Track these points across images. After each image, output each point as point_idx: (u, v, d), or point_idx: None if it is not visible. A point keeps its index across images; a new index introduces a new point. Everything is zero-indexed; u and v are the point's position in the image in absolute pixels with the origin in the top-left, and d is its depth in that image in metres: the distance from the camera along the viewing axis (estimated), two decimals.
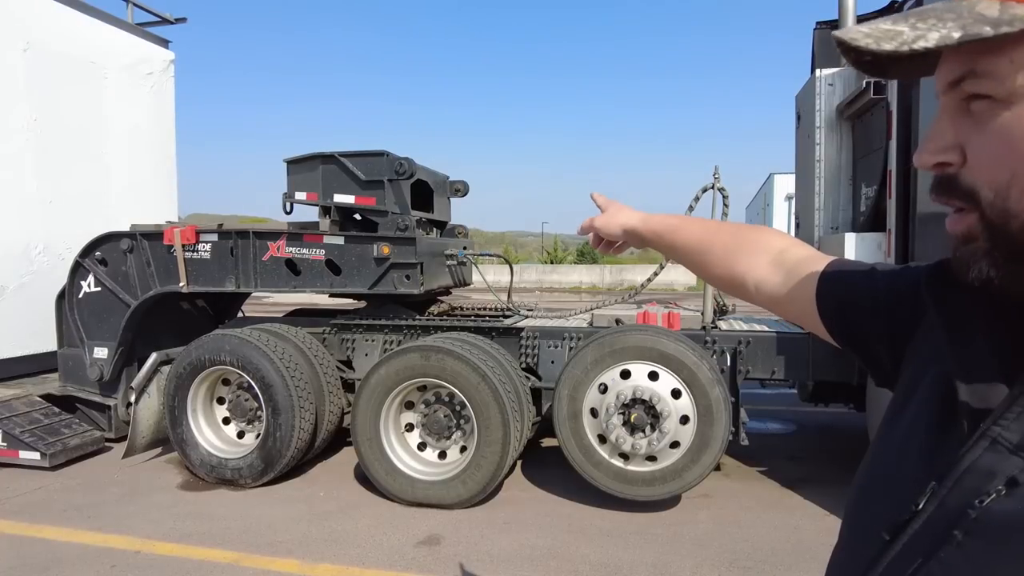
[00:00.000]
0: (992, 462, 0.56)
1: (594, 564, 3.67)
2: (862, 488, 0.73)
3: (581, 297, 23.45)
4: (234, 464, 4.84)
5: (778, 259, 0.96)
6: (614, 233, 1.22)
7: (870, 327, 0.80)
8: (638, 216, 1.20)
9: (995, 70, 0.52)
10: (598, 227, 1.25)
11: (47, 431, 5.29)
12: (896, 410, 0.72)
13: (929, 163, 0.59)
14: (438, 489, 4.42)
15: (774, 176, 47.72)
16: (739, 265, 1.00)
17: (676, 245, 1.12)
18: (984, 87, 0.53)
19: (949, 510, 0.57)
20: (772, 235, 1.02)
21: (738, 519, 4.27)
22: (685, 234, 1.10)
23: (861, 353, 0.84)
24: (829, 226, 5.15)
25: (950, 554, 0.57)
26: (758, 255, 0.98)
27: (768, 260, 0.97)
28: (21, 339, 6.00)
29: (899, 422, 0.70)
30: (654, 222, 1.17)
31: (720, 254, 1.03)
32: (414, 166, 5.05)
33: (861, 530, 0.69)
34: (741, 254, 1.00)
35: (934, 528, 0.58)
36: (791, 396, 6.37)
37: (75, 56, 6.46)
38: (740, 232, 1.05)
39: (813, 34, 6.14)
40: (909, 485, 0.62)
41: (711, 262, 1.05)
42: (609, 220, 1.23)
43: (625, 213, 1.22)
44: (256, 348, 4.72)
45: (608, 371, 4.34)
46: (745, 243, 1.01)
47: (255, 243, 5.15)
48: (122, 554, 3.80)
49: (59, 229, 6.19)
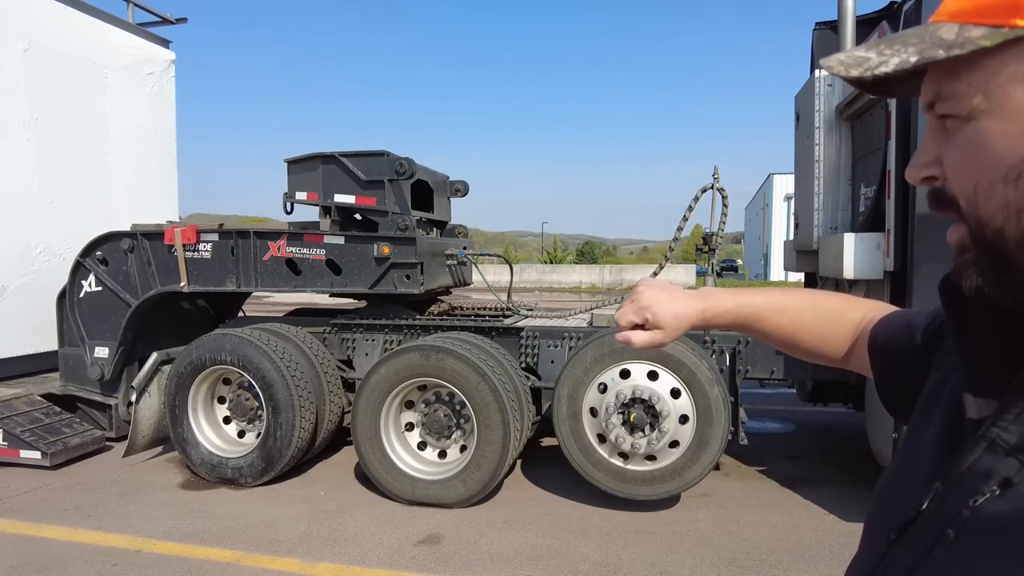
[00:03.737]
0: (990, 463, 0.57)
1: (594, 563, 3.68)
2: (880, 492, 0.75)
3: (581, 297, 23.44)
4: (235, 463, 4.85)
5: (857, 331, 0.98)
6: (673, 337, 1.03)
7: (902, 361, 0.85)
8: (696, 309, 1.03)
9: (955, 92, 0.55)
10: (644, 344, 1.02)
11: (48, 430, 5.30)
12: (918, 418, 0.74)
13: (916, 177, 0.62)
14: (438, 488, 4.43)
15: (773, 176, 47.82)
16: (833, 351, 1.02)
17: (755, 333, 1.07)
18: (949, 108, 0.56)
19: (946, 510, 0.58)
20: (853, 311, 1.00)
21: (737, 518, 4.29)
22: (765, 324, 1.04)
23: (889, 383, 0.89)
24: (828, 226, 5.16)
25: (942, 552, 0.58)
26: (847, 339, 1.00)
27: (852, 338, 0.99)
28: (22, 338, 6.01)
29: (920, 430, 0.72)
30: (720, 319, 1.05)
31: (810, 344, 1.03)
32: (414, 166, 5.06)
33: (875, 532, 0.71)
34: (829, 345, 1.02)
35: (932, 527, 0.59)
36: (790, 396, 6.38)
37: (75, 56, 6.47)
38: (824, 319, 1.02)
39: (812, 34, 6.15)
40: (920, 488, 0.63)
41: (801, 350, 1.05)
42: (664, 337, 1.02)
43: (677, 309, 1.02)
44: (257, 347, 4.73)
45: (607, 371, 4.35)
46: (832, 332, 1.01)
47: (256, 243, 5.16)
48: (123, 553, 3.81)
49: (60, 229, 6.20)
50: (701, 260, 5.57)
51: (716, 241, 5.15)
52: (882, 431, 4.34)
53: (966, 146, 0.56)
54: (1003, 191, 0.54)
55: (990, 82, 0.53)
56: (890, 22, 4.47)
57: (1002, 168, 0.53)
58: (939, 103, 0.57)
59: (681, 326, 1.01)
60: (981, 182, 0.55)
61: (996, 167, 0.54)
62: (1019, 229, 0.53)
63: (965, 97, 0.55)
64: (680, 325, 1.01)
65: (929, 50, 0.53)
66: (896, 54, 0.55)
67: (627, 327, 1.03)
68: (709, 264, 5.31)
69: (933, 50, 0.53)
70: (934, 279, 0.67)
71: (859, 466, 5.11)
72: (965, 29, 0.53)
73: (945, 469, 0.61)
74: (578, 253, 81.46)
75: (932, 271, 3.75)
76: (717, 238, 5.16)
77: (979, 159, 0.55)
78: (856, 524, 4.11)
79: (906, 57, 0.54)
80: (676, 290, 1.04)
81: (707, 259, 5.30)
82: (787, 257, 6.23)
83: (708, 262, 5.30)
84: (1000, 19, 0.51)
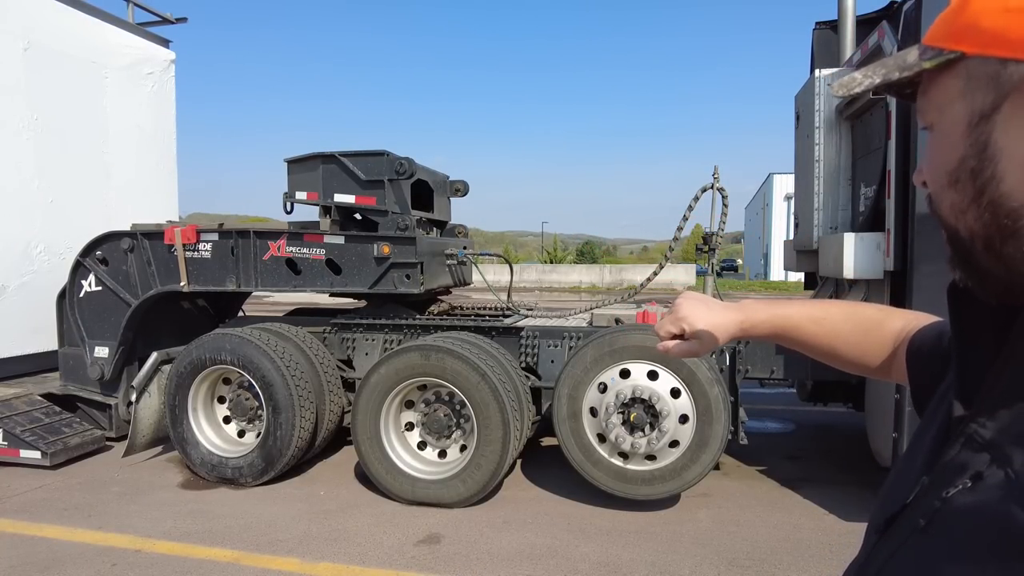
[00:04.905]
0: (966, 458, 0.59)
1: (594, 563, 3.68)
2: (881, 492, 0.77)
3: (581, 297, 23.45)
4: (235, 463, 4.85)
5: (897, 341, 0.98)
6: (710, 348, 1.07)
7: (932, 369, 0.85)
8: (733, 321, 1.06)
9: (923, 107, 0.64)
10: (681, 354, 1.07)
11: (48, 430, 5.30)
12: (925, 420, 0.76)
13: (917, 182, 0.68)
14: (438, 488, 4.43)
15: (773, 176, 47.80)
16: (870, 361, 1.02)
17: (792, 343, 1.08)
18: (921, 120, 0.65)
19: (923, 503, 0.61)
20: (892, 321, 1.00)
21: (737, 518, 4.29)
22: (802, 335, 1.05)
23: (923, 392, 0.88)
24: (828, 226, 5.16)
25: (914, 542, 0.61)
26: (885, 349, 1.00)
27: (892, 348, 0.99)
28: (22, 338, 6.02)
29: (923, 431, 0.74)
30: (758, 330, 1.06)
31: (847, 354, 1.03)
32: (414, 166, 5.06)
33: (870, 528, 0.73)
34: (867, 355, 1.01)
35: (911, 519, 0.62)
36: (790, 395, 6.38)
37: (75, 56, 6.46)
38: (862, 330, 1.02)
39: (813, 34, 6.15)
40: (911, 485, 0.65)
41: (838, 361, 1.05)
42: (700, 348, 1.06)
43: (715, 321, 1.05)
44: (257, 347, 4.73)
45: (607, 370, 4.35)
46: (869, 341, 1.01)
47: (256, 242, 5.16)
48: (123, 553, 3.81)
49: (60, 228, 6.20)
50: (701, 260, 5.57)
51: (716, 241, 5.15)
52: (882, 431, 4.34)
53: (928, 153, 0.64)
54: (949, 194, 0.60)
55: (938, 98, 0.61)
56: (890, 22, 4.46)
57: (946, 173, 0.60)
58: (918, 116, 0.65)
59: (718, 337, 1.04)
60: (935, 186, 0.63)
61: (942, 172, 0.61)
62: (968, 228, 0.59)
63: (927, 112, 0.63)
64: (717, 336, 1.04)
65: (891, 72, 0.62)
66: (868, 76, 0.64)
67: (666, 337, 1.07)
68: (709, 264, 5.31)
69: (894, 72, 0.62)
70: (934, 279, 0.69)
71: (859, 466, 5.11)
72: (924, 52, 0.60)
73: (933, 465, 0.64)
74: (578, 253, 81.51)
75: (932, 271, 3.74)
76: (717, 238, 5.16)
77: (933, 165, 0.63)
78: (856, 524, 4.11)
79: (873, 79, 0.63)
80: (713, 302, 1.08)
81: (707, 259, 5.30)
82: (787, 257, 6.23)
83: (708, 262, 5.30)
84: (942, 43, 0.58)
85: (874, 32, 4.50)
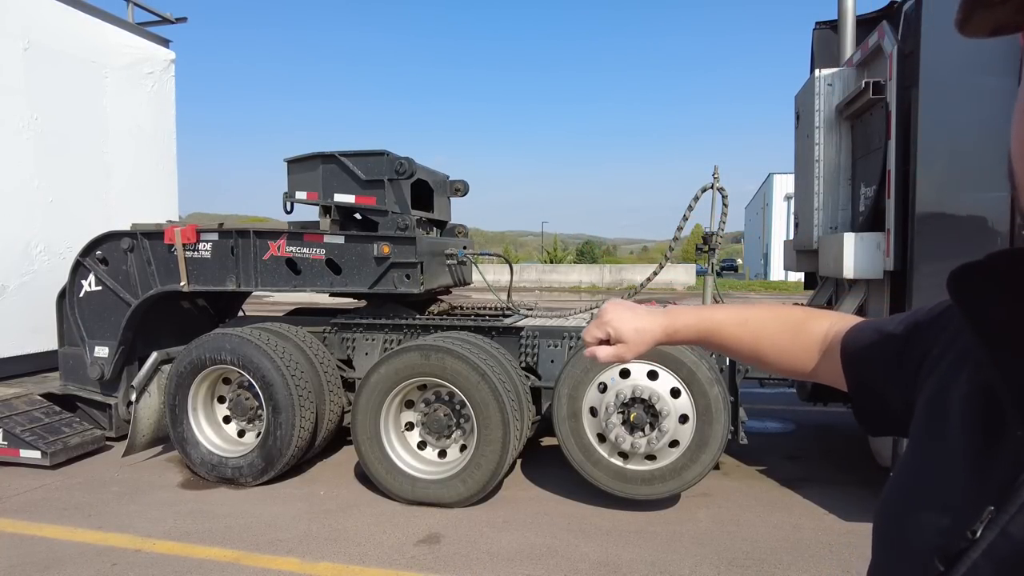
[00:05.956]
0: None
1: (593, 562, 3.68)
2: (897, 503, 0.68)
3: (581, 296, 23.47)
4: (235, 463, 4.85)
5: (824, 342, 0.96)
6: (636, 352, 1.06)
7: (883, 369, 0.82)
8: (658, 325, 1.05)
9: None
10: (608, 358, 1.06)
11: (48, 430, 5.30)
12: (929, 421, 0.69)
13: None
14: (438, 488, 4.43)
15: (773, 176, 47.80)
16: (797, 363, 1.00)
17: (719, 347, 1.07)
18: None
19: (1015, 541, 0.52)
20: (816, 321, 0.99)
21: (737, 518, 4.29)
22: (726, 337, 1.05)
23: (867, 397, 0.87)
24: (828, 226, 5.16)
25: None
26: (812, 349, 0.98)
27: (819, 350, 0.97)
28: (22, 338, 6.02)
29: (936, 434, 0.66)
30: (682, 334, 1.06)
31: (773, 355, 1.02)
32: (414, 166, 5.06)
33: (904, 552, 0.64)
34: (794, 357, 1.00)
35: (996, 559, 0.53)
36: (790, 395, 6.38)
37: (75, 56, 6.47)
38: (787, 330, 1.01)
39: (813, 34, 6.15)
40: (961, 508, 0.57)
41: (765, 362, 1.04)
42: (627, 352, 1.05)
43: (639, 325, 1.05)
44: (257, 347, 4.73)
45: (607, 370, 4.35)
46: (797, 344, 0.99)
47: (256, 242, 5.16)
48: (123, 552, 3.81)
49: (60, 228, 6.20)
50: (701, 260, 5.57)
51: (716, 241, 5.15)
52: None
53: None
54: None
55: None
56: (890, 22, 4.46)
57: None
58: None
59: (644, 340, 1.04)
60: None
61: None
62: None
63: None
64: (643, 339, 1.04)
65: None
66: None
67: (593, 343, 1.07)
68: (709, 264, 5.31)
69: None
70: (934, 279, 0.66)
71: (859, 466, 5.11)
72: None
73: (994, 490, 0.55)
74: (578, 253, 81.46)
75: (932, 271, 3.74)
76: (717, 238, 5.16)
77: None
78: (856, 524, 4.11)
79: None
80: (639, 308, 1.08)
81: (707, 259, 5.30)
82: (787, 257, 6.23)
83: (708, 262, 5.30)
84: None
85: (874, 32, 4.50)
